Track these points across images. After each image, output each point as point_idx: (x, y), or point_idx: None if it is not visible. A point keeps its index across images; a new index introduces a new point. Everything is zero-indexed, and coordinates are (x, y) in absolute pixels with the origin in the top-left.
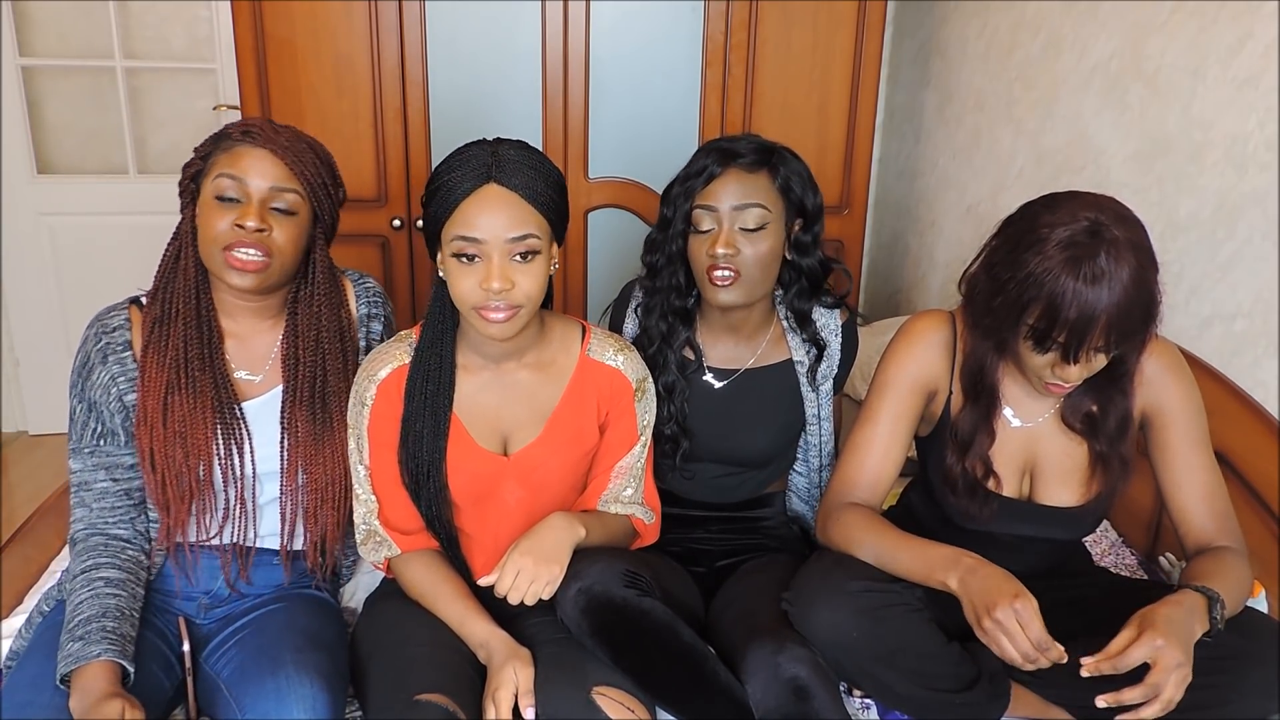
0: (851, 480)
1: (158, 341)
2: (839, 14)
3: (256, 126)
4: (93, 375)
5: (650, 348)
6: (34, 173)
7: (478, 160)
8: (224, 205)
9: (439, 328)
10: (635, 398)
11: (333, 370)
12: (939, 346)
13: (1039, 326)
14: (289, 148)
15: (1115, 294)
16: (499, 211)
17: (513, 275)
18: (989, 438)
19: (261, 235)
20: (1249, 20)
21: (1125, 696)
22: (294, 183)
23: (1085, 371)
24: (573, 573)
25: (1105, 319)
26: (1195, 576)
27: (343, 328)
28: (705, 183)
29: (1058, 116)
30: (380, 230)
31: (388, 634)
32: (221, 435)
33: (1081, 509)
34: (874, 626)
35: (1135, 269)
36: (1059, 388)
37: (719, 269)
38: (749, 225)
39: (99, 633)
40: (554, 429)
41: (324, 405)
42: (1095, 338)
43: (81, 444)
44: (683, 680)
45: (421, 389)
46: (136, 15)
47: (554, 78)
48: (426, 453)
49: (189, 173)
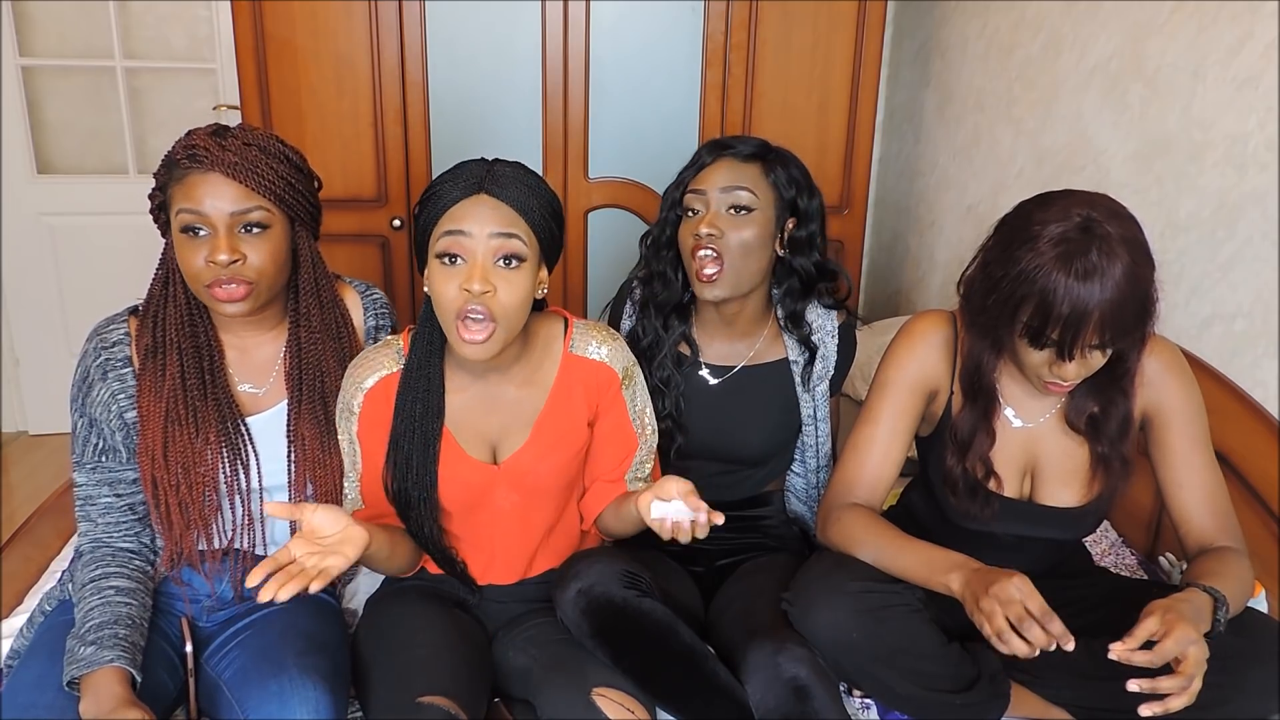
0: (851, 480)
1: (153, 373)
2: (839, 14)
3: (201, 146)
4: (92, 391)
5: (645, 339)
6: (34, 173)
7: (472, 173)
8: (192, 239)
9: (428, 347)
10: (622, 386)
11: (335, 373)
12: (939, 347)
13: (1033, 324)
14: (239, 163)
15: (1108, 290)
16: (486, 212)
17: (494, 280)
18: (989, 438)
19: (236, 267)
20: (1249, 20)
21: (1162, 685)
22: (254, 198)
23: (1083, 370)
24: (572, 574)
25: (1099, 315)
26: (1200, 576)
27: (341, 323)
28: (697, 171)
29: (1058, 116)
30: (380, 230)
31: (389, 636)
32: (227, 456)
33: (1082, 509)
34: (874, 626)
35: (1128, 265)
36: (1058, 387)
37: (703, 248)
38: (734, 206)
39: (112, 639)
40: (541, 433)
41: (326, 410)
42: (1089, 334)
43: (84, 459)
44: (683, 681)
45: (410, 410)
46: (136, 15)
47: (554, 78)
48: (416, 474)
49: (155, 204)
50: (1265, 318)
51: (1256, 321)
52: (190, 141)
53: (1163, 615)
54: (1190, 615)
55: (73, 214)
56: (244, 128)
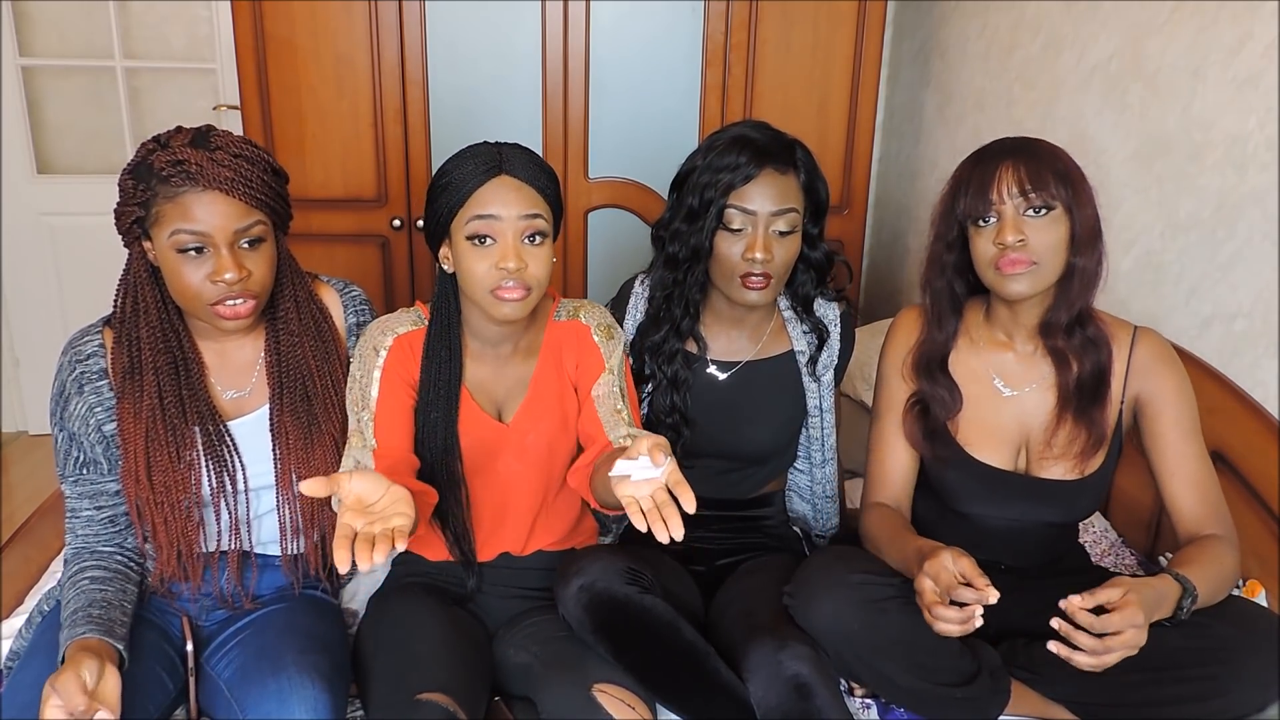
0: (873, 479)
1: (132, 394)
2: (839, 14)
3: (192, 162)
4: (69, 406)
5: (657, 334)
6: (34, 173)
7: (486, 156)
8: (191, 258)
9: (445, 322)
10: (594, 334)
11: (318, 370)
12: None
13: (962, 200)
14: (235, 178)
15: (1020, 146)
16: (512, 194)
17: (525, 257)
18: (940, 366)
19: (243, 282)
20: (1249, 20)
21: (1079, 638)
22: (254, 213)
23: (1018, 232)
24: (575, 570)
25: (1012, 162)
26: (1179, 564)
27: (320, 319)
28: (743, 181)
29: (1058, 116)
30: (380, 230)
31: (391, 632)
32: (212, 465)
33: (1078, 484)
34: (874, 618)
35: (1045, 144)
36: (1010, 264)
37: (755, 274)
38: (783, 229)
39: (85, 619)
40: (536, 392)
41: (309, 405)
42: (1006, 181)
43: (66, 472)
44: (684, 677)
45: (437, 372)
46: (136, 15)
47: (554, 78)
48: (442, 428)
49: (128, 220)
50: (1265, 318)
51: (1256, 321)
52: (176, 156)
53: (1124, 592)
54: (1149, 601)
55: (73, 214)
56: (221, 135)
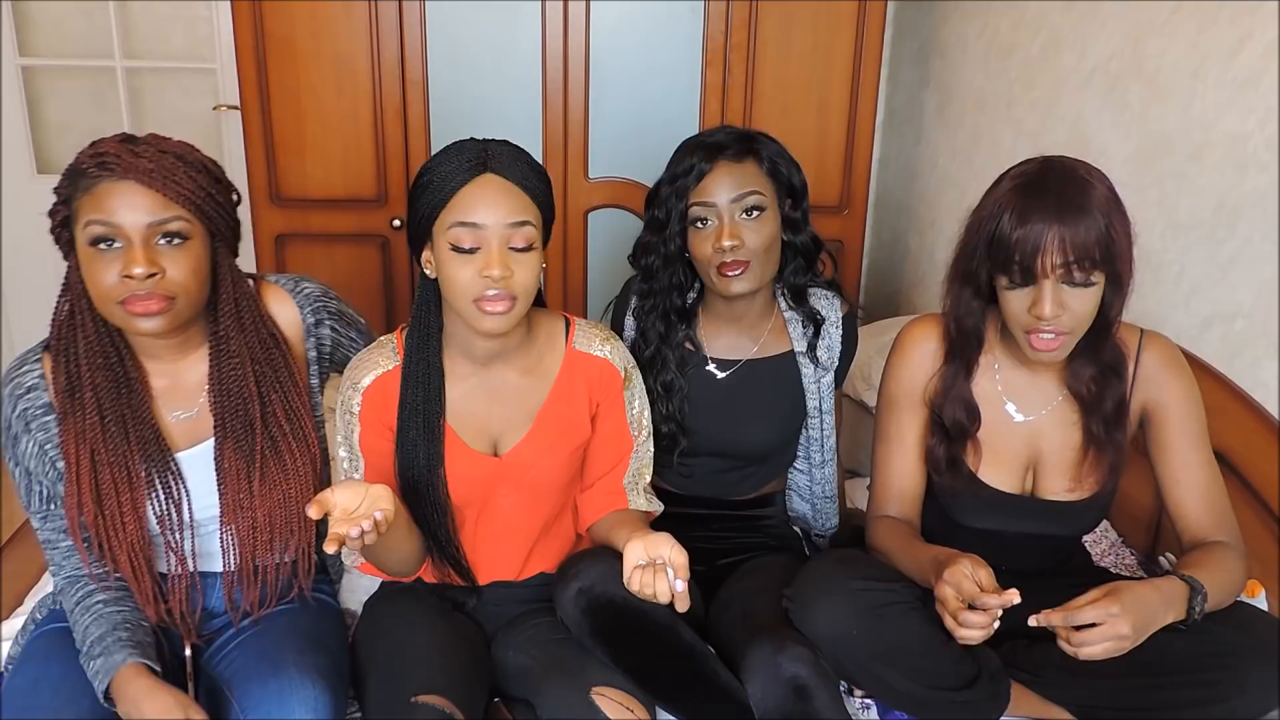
0: (880, 497)
1: (74, 415)
2: (839, 14)
3: (112, 153)
4: (20, 444)
5: (648, 349)
6: (34, 173)
7: (471, 153)
8: (104, 253)
9: (424, 332)
10: (624, 386)
11: (267, 397)
12: (931, 352)
13: (999, 255)
14: (155, 170)
15: (1066, 206)
16: (498, 198)
17: (511, 264)
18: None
19: (155, 280)
20: (1249, 20)
21: (1054, 619)
22: (173, 207)
23: (1059, 308)
24: (573, 573)
25: (1058, 229)
26: (1184, 567)
27: (270, 343)
28: (697, 179)
29: (1058, 116)
30: (380, 230)
31: (387, 635)
32: (159, 494)
33: (1085, 503)
34: (874, 623)
35: (1085, 184)
36: (1043, 340)
37: (728, 263)
38: (748, 214)
39: (116, 643)
40: (543, 425)
41: (251, 435)
42: (1051, 250)
43: (32, 507)
44: (683, 680)
45: (412, 396)
46: (136, 15)
47: (554, 78)
48: (423, 459)
49: (56, 220)
50: (1265, 318)
51: (1256, 321)
52: (99, 150)
53: (1104, 591)
54: (1139, 599)
55: None
56: (157, 137)
